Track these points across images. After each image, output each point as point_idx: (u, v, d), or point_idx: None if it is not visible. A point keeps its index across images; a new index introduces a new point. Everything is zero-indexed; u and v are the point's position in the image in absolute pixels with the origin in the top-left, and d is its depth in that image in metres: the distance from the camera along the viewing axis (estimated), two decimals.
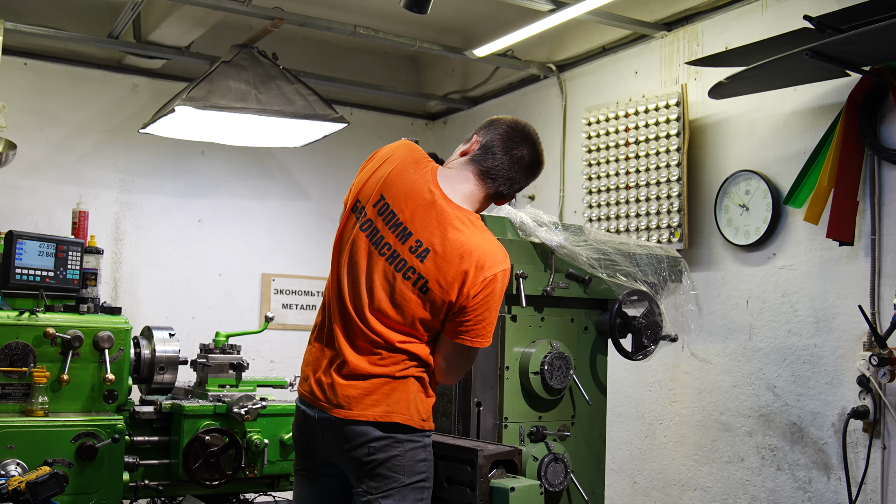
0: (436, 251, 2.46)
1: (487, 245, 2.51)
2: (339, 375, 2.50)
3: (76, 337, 3.36)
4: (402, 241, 2.49)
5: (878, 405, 3.64)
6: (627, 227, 4.72)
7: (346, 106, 6.15)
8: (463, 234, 2.48)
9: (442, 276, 2.45)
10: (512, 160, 2.62)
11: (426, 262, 2.46)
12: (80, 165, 5.49)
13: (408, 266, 2.47)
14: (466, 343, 2.51)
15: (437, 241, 2.47)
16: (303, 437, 2.62)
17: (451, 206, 2.53)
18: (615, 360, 3.32)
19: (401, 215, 2.51)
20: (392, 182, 2.54)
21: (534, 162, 2.68)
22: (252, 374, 3.97)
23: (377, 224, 2.52)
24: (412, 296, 2.46)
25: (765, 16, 4.20)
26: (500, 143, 2.63)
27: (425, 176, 2.56)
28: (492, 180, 2.61)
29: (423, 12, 3.65)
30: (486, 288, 2.47)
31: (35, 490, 2.71)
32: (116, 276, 5.55)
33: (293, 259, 6.07)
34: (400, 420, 2.46)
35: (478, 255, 2.46)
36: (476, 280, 2.45)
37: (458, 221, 2.50)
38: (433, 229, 2.48)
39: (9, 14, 4.84)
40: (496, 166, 2.61)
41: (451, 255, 2.45)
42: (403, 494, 2.45)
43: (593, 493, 3.19)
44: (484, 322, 2.50)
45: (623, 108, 4.78)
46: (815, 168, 3.83)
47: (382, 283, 2.48)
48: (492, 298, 2.49)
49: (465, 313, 2.48)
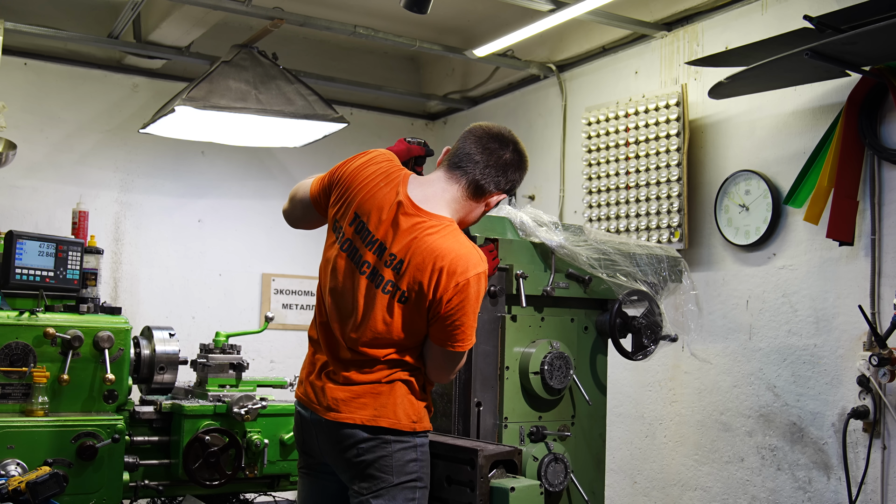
0: (409, 261, 2.44)
1: (460, 249, 2.45)
2: (329, 380, 2.55)
3: (76, 337, 3.36)
4: (379, 257, 2.48)
5: (878, 405, 3.63)
6: (627, 227, 4.72)
7: (346, 106, 6.15)
8: (434, 238, 2.45)
9: (417, 284, 2.43)
10: (482, 147, 2.56)
11: (402, 274, 2.44)
12: (80, 165, 5.49)
13: (386, 280, 2.46)
14: (448, 349, 2.50)
15: (410, 250, 2.44)
16: (301, 438, 2.69)
17: (422, 213, 2.49)
18: (615, 360, 3.32)
19: (375, 232, 2.49)
20: (365, 199, 2.53)
21: (504, 143, 2.58)
22: (252, 374, 3.97)
23: (356, 243, 2.52)
24: (395, 309, 2.46)
25: (765, 16, 4.20)
26: (468, 138, 2.59)
27: (396, 188, 2.53)
28: (461, 170, 2.55)
29: (423, 12, 3.65)
30: (459, 293, 2.42)
31: (35, 490, 2.72)
32: (116, 276, 5.55)
33: (293, 259, 6.08)
34: (385, 424, 2.48)
35: (450, 260, 2.42)
36: (448, 285, 2.41)
37: (428, 228, 2.47)
38: (405, 239, 2.46)
39: (9, 14, 4.84)
40: (464, 156, 2.55)
41: (425, 262, 2.42)
42: (393, 494, 2.47)
43: (593, 493, 3.19)
44: (462, 327, 2.47)
45: (623, 108, 4.78)
46: (815, 168, 3.82)
47: (367, 302, 2.48)
48: (467, 303, 2.44)
49: (441, 319, 2.45)
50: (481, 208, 2.62)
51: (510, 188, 2.64)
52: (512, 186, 2.64)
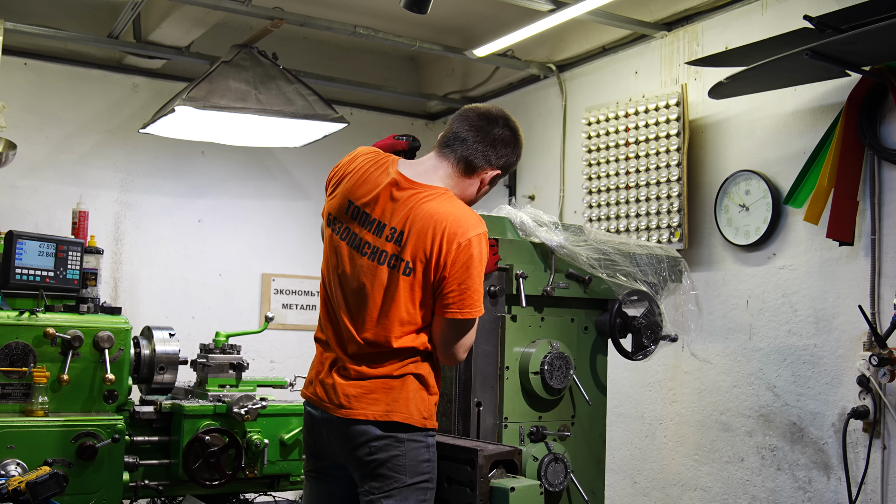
0: (409, 230, 2.46)
1: (458, 211, 2.48)
2: (340, 376, 2.52)
3: (76, 337, 3.36)
4: (379, 235, 2.50)
5: (878, 405, 3.63)
6: (627, 227, 4.72)
7: (346, 106, 6.15)
8: (431, 204, 2.48)
9: (420, 251, 2.44)
10: (470, 124, 2.59)
11: (404, 245, 2.46)
12: (80, 165, 5.49)
13: (389, 255, 2.47)
14: (456, 316, 2.47)
15: (409, 220, 2.47)
16: (311, 439, 2.65)
17: (416, 185, 2.53)
18: (615, 360, 3.32)
19: (372, 213, 2.52)
20: (357, 186, 2.57)
21: (494, 120, 2.61)
22: (252, 374, 3.98)
23: (354, 229, 2.54)
24: (399, 282, 2.46)
25: (765, 16, 4.20)
26: (457, 118, 2.64)
27: (386, 170, 2.57)
28: (450, 148, 2.59)
29: (423, 12, 3.65)
30: (462, 253, 2.43)
31: (35, 490, 2.71)
32: (116, 276, 5.55)
33: (293, 259, 6.08)
34: (399, 419, 2.46)
35: (450, 222, 2.44)
36: (451, 247, 2.43)
37: (424, 196, 2.50)
38: (402, 211, 2.49)
39: (9, 14, 4.84)
40: (452, 135, 2.60)
41: (425, 228, 2.44)
42: (405, 495, 2.45)
43: (593, 493, 3.19)
44: (469, 291, 2.46)
45: (623, 108, 4.78)
46: (815, 168, 3.82)
47: (370, 281, 2.49)
48: (471, 264, 2.45)
49: (447, 284, 2.45)
50: (475, 185, 2.63)
51: (504, 164, 2.64)
52: (506, 162, 2.64)
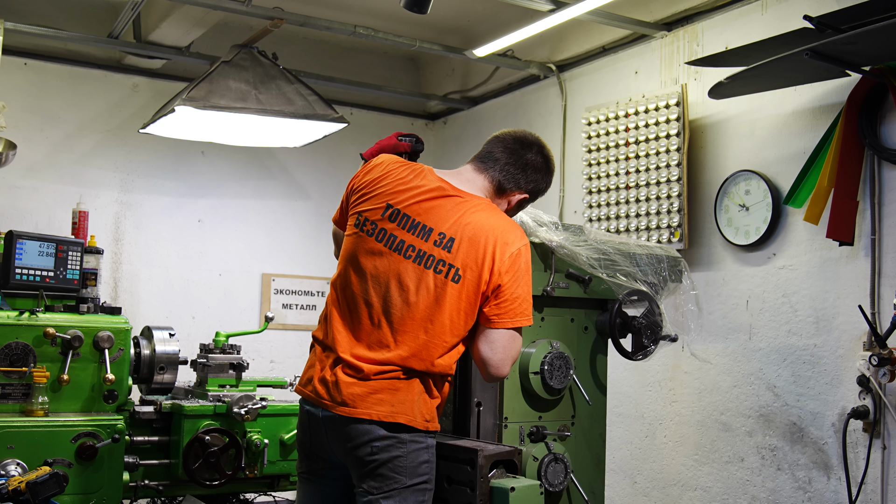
0: (461, 237, 2.50)
1: (505, 223, 2.59)
2: (344, 374, 2.50)
3: (76, 337, 3.35)
4: (426, 239, 2.52)
5: (878, 405, 3.64)
6: (627, 227, 4.72)
7: (346, 106, 6.15)
8: (482, 215, 2.55)
9: (472, 260, 2.49)
10: (504, 147, 2.71)
11: (454, 251, 2.49)
12: (80, 165, 5.49)
13: (437, 260, 2.49)
14: (508, 325, 2.52)
15: (459, 228, 2.51)
16: (307, 438, 2.63)
17: (463, 193, 2.60)
18: (615, 360, 3.32)
19: (416, 216, 2.54)
20: (396, 190, 2.59)
21: (528, 145, 2.73)
22: (252, 374, 3.97)
23: (394, 231, 2.54)
24: (448, 288, 2.48)
25: (765, 16, 4.20)
26: (493, 140, 2.76)
27: (426, 175, 2.61)
28: (484, 165, 2.69)
29: (423, 12, 3.65)
30: (514, 263, 2.52)
31: (35, 490, 2.71)
32: (116, 276, 5.55)
33: (293, 259, 6.07)
34: (403, 421, 2.46)
35: (500, 232, 2.53)
36: (504, 256, 2.51)
37: (472, 206, 2.57)
38: (452, 218, 2.53)
39: (9, 14, 4.84)
40: (486, 154, 2.71)
41: (477, 238, 2.50)
42: (405, 496, 2.45)
43: (593, 493, 3.19)
44: (520, 299, 2.54)
45: (623, 108, 4.78)
46: (815, 168, 3.82)
47: (415, 284, 2.49)
48: (522, 273, 2.55)
49: (501, 293, 2.51)
50: (503, 205, 2.74)
51: (533, 189, 2.75)
52: (535, 188, 2.76)
